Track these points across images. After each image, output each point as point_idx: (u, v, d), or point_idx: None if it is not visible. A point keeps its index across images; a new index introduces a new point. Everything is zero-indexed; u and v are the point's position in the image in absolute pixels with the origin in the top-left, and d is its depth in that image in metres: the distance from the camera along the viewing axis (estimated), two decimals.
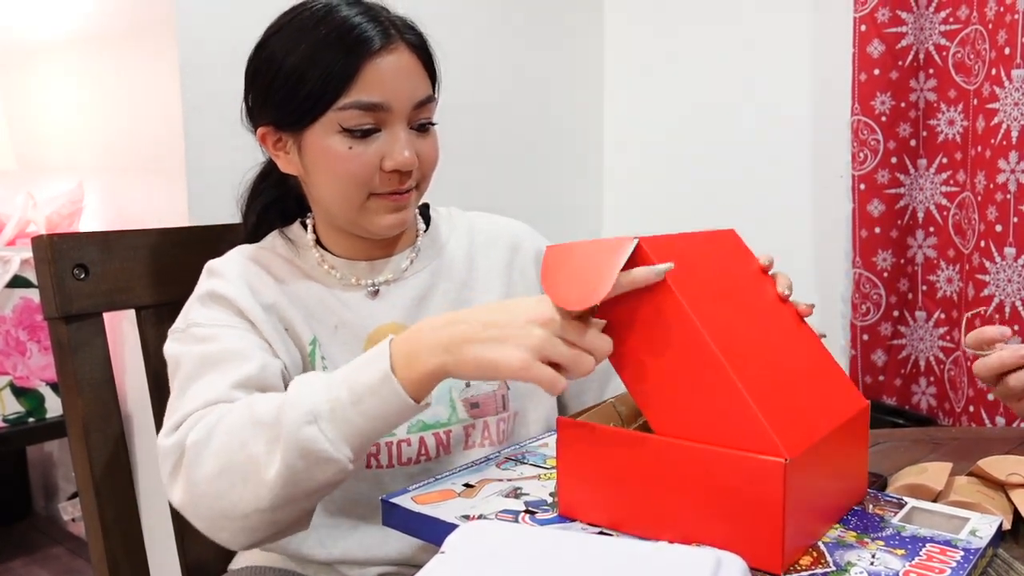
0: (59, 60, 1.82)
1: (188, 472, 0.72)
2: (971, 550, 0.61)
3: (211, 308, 0.85)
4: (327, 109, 0.82)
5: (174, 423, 0.75)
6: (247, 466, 0.69)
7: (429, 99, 0.87)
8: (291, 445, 0.67)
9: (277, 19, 0.88)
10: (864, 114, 1.65)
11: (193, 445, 0.71)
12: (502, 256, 0.98)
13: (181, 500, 0.73)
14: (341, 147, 0.83)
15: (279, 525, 0.73)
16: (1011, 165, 1.46)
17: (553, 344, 0.62)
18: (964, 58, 1.58)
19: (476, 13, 1.93)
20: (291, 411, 0.68)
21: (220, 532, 0.73)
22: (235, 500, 0.70)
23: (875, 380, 1.73)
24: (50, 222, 1.75)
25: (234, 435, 0.70)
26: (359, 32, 0.82)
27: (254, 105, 0.88)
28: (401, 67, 0.84)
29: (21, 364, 1.80)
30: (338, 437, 0.68)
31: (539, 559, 0.56)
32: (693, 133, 2.06)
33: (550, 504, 0.71)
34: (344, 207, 0.86)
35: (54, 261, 0.90)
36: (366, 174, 0.83)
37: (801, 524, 0.60)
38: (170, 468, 0.74)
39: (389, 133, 0.84)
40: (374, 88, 0.82)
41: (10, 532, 2.22)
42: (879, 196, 1.67)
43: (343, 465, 0.69)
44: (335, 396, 0.68)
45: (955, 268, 1.65)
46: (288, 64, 0.82)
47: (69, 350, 0.91)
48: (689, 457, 0.61)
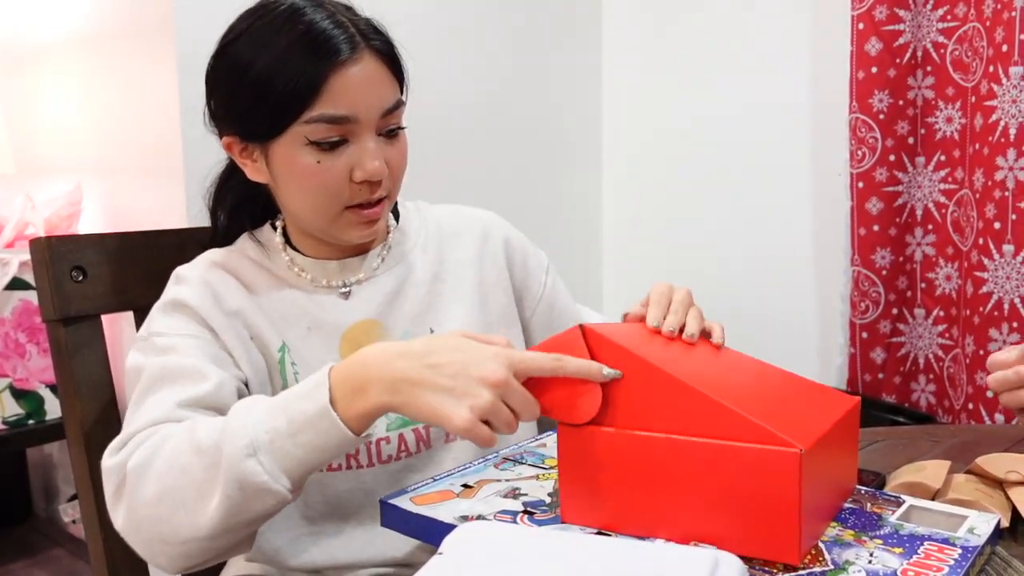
0: (57, 62, 1.82)
1: (129, 496, 0.71)
2: (969, 548, 0.61)
3: (173, 317, 0.84)
4: (292, 123, 0.80)
5: (119, 442, 0.75)
6: (187, 492, 0.69)
7: (397, 105, 0.84)
8: (231, 477, 0.67)
9: (236, 22, 0.84)
10: (862, 112, 1.65)
11: (134, 469, 0.71)
12: (472, 246, 0.98)
13: (123, 524, 0.73)
14: (309, 161, 0.81)
15: (218, 551, 0.72)
16: (1009, 162, 1.46)
17: (497, 410, 0.63)
18: (962, 55, 1.58)
19: (476, 14, 1.93)
20: (231, 442, 0.67)
21: (158, 556, 0.72)
22: (175, 526, 0.69)
23: (874, 378, 1.73)
24: (49, 224, 1.75)
25: (175, 461, 0.70)
26: (323, 41, 0.79)
27: (216, 113, 0.87)
28: (368, 76, 0.81)
29: (20, 366, 1.80)
30: (276, 469, 0.67)
31: (537, 560, 0.56)
32: (691, 131, 2.06)
33: (548, 504, 0.71)
34: (315, 219, 0.86)
35: (52, 263, 0.90)
36: (336, 187, 0.82)
37: (812, 516, 0.61)
38: (112, 490, 0.74)
39: (357, 143, 0.82)
40: (340, 101, 0.79)
41: (10, 534, 2.22)
42: (877, 194, 1.67)
43: (282, 496, 0.68)
44: (274, 427, 0.67)
45: (954, 265, 1.65)
46: (250, 75, 0.80)
47: (67, 352, 0.91)
48: (700, 455, 0.61)
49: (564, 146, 2.17)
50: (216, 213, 0.95)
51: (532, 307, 1.02)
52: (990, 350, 1.52)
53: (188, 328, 0.83)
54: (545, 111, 2.11)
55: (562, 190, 2.18)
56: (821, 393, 0.71)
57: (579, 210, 2.23)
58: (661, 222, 2.16)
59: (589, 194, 2.25)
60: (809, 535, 0.60)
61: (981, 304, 1.52)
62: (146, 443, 0.73)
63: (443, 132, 1.85)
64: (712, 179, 2.03)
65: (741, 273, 2.00)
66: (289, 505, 0.86)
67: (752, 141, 1.95)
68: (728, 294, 2.03)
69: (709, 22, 2.00)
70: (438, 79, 1.84)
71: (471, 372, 0.63)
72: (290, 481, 0.68)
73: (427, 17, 1.82)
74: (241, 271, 0.89)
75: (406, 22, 1.90)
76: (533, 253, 1.04)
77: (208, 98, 0.87)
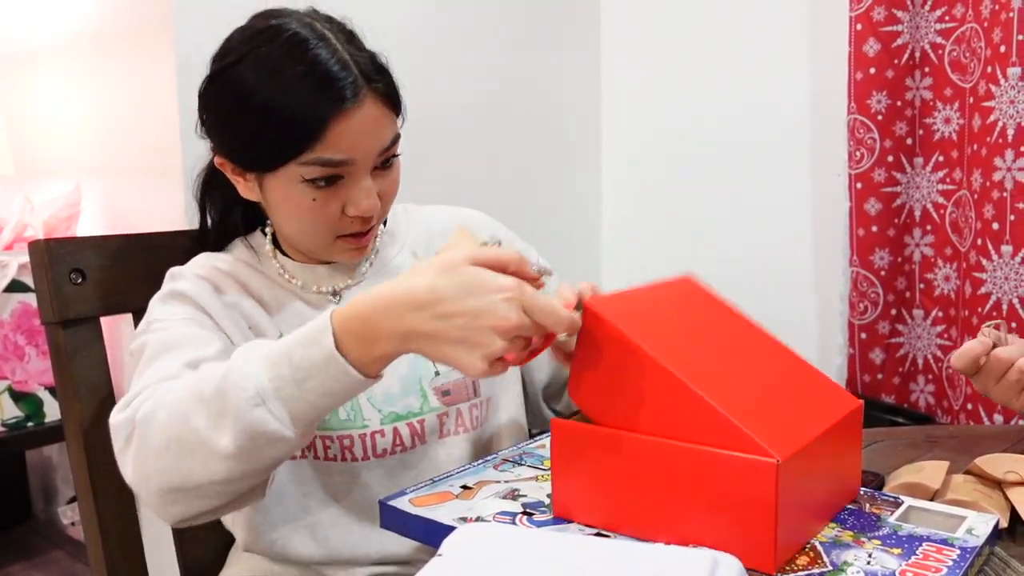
0: (56, 63, 1.82)
1: (137, 447, 0.71)
2: (967, 549, 0.61)
3: (171, 305, 0.84)
4: (289, 162, 0.80)
5: (126, 400, 0.75)
6: (192, 439, 0.68)
7: (395, 140, 0.84)
8: (240, 427, 0.66)
9: (236, 44, 0.82)
10: (860, 113, 1.66)
11: (142, 420, 0.71)
12: None
13: (132, 475, 0.72)
14: (304, 197, 0.81)
15: (234, 495, 0.72)
16: (1007, 163, 1.46)
17: (508, 348, 0.63)
18: (960, 56, 1.59)
19: (476, 14, 1.93)
20: (236, 391, 0.66)
21: (172, 505, 0.72)
22: (184, 472, 0.69)
23: (873, 378, 1.73)
24: (48, 226, 1.75)
25: (178, 408, 0.69)
26: (327, 84, 0.77)
27: (210, 132, 0.86)
28: (369, 121, 0.80)
29: (20, 368, 1.80)
30: (285, 415, 0.67)
31: (536, 561, 0.56)
32: (690, 132, 2.06)
33: (547, 505, 0.71)
34: (305, 243, 0.87)
35: (51, 266, 0.90)
36: (329, 221, 0.83)
37: (795, 524, 0.61)
38: (121, 444, 0.73)
39: (352, 181, 0.82)
40: (339, 146, 0.79)
41: (9, 536, 2.22)
42: (876, 195, 1.67)
43: (293, 442, 0.68)
44: (277, 374, 0.66)
45: (952, 266, 1.65)
46: (249, 108, 0.79)
47: (67, 355, 0.91)
48: (683, 458, 0.61)
49: (563, 146, 2.17)
50: (205, 208, 0.95)
51: None
52: None
53: (187, 313, 0.84)
54: (544, 111, 2.11)
55: (561, 190, 2.18)
56: (826, 390, 0.71)
57: (578, 210, 2.23)
58: (660, 223, 2.16)
59: (588, 194, 2.25)
60: (791, 542, 0.60)
61: (980, 305, 1.53)
62: (152, 396, 0.72)
63: (442, 132, 1.85)
64: (711, 180, 2.03)
65: (740, 274, 2.00)
66: (287, 496, 0.87)
67: (751, 142, 1.95)
68: (727, 294, 2.02)
69: (708, 22, 2.00)
70: (438, 79, 1.84)
71: (483, 322, 0.62)
72: (297, 426, 0.68)
73: (427, 17, 1.82)
74: (236, 272, 0.90)
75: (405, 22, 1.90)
76: (523, 248, 1.04)
77: (201, 114, 0.86)
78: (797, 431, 0.62)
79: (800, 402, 0.67)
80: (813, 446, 0.62)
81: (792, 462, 0.58)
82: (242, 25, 0.85)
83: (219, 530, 0.96)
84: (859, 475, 0.72)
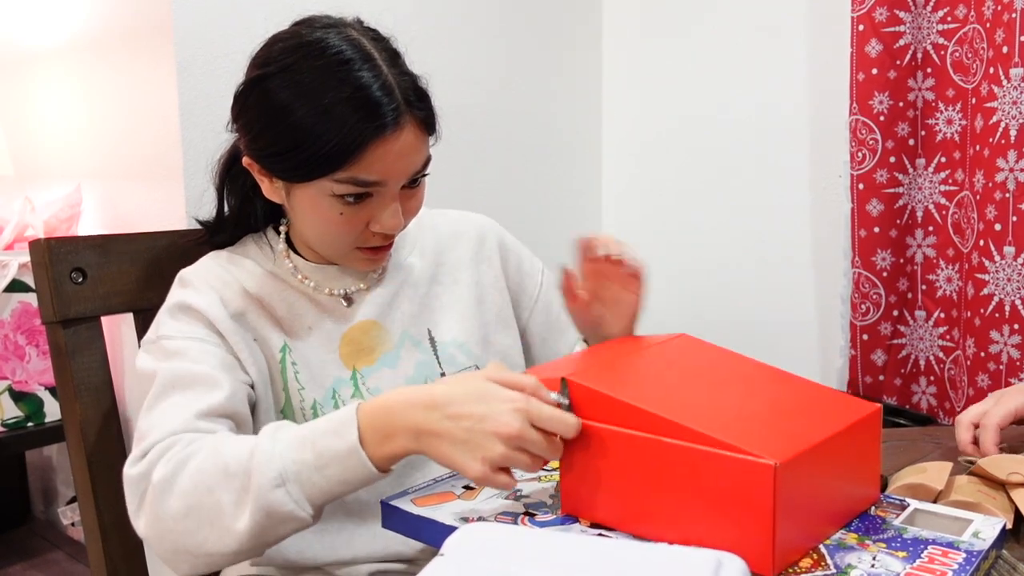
0: (56, 65, 1.82)
1: (154, 507, 0.73)
2: (973, 552, 0.60)
3: (180, 320, 0.85)
4: (320, 178, 0.80)
5: (140, 452, 0.76)
6: (213, 512, 0.71)
7: (426, 163, 0.85)
8: (260, 505, 0.69)
9: (278, 53, 0.81)
10: (862, 114, 1.65)
11: (160, 481, 0.73)
12: (468, 249, 1.00)
13: (147, 532, 0.75)
14: (331, 210, 0.82)
15: (238, 560, 0.75)
16: (1010, 164, 1.46)
17: (511, 459, 0.66)
18: (962, 57, 1.58)
19: (476, 14, 1.92)
20: (260, 471, 0.70)
21: (181, 565, 0.74)
22: (200, 540, 0.72)
23: (875, 380, 1.73)
24: (48, 226, 1.75)
25: (202, 479, 0.72)
26: (369, 109, 0.77)
27: (240, 132, 0.86)
28: (405, 147, 0.81)
29: (20, 368, 1.79)
30: (302, 498, 0.70)
31: (539, 561, 0.56)
32: (691, 133, 2.06)
33: (549, 506, 0.71)
34: (325, 249, 0.88)
35: (51, 265, 0.90)
36: (353, 234, 0.84)
37: (798, 527, 0.60)
38: (136, 501, 0.76)
39: (380, 200, 0.83)
40: (374, 168, 0.79)
41: (9, 537, 2.22)
42: (878, 196, 1.67)
43: (306, 522, 0.72)
44: (301, 459, 0.70)
45: (954, 267, 1.65)
46: (286, 121, 0.79)
47: (67, 354, 0.91)
48: (685, 459, 0.61)
49: (563, 148, 2.17)
50: (223, 196, 0.94)
51: (529, 308, 1.03)
52: (991, 352, 1.51)
53: (196, 331, 0.84)
54: (544, 112, 2.11)
55: (561, 192, 2.17)
56: (838, 403, 0.70)
57: (578, 212, 2.23)
58: (661, 224, 2.15)
59: (588, 196, 2.25)
60: (793, 545, 0.60)
61: (982, 306, 1.52)
62: (168, 455, 0.74)
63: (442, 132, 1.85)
64: (712, 181, 2.03)
65: (741, 275, 2.00)
66: None
67: (752, 143, 1.95)
68: (728, 296, 2.03)
69: (709, 23, 2.00)
70: (437, 79, 1.83)
71: (486, 426, 0.66)
72: (313, 508, 0.71)
73: (426, 17, 1.82)
74: (245, 272, 0.90)
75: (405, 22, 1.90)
76: (528, 256, 1.06)
77: (234, 114, 0.86)
78: (799, 438, 0.61)
79: (805, 416, 0.67)
80: (817, 450, 0.61)
81: (792, 465, 0.58)
82: (286, 32, 0.84)
83: None
84: (878, 480, 0.71)
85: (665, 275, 2.16)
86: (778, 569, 0.58)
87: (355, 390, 0.88)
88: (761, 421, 0.65)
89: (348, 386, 0.88)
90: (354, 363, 0.89)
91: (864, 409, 0.69)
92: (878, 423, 0.70)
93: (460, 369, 0.93)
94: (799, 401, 0.71)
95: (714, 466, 0.60)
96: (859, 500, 0.69)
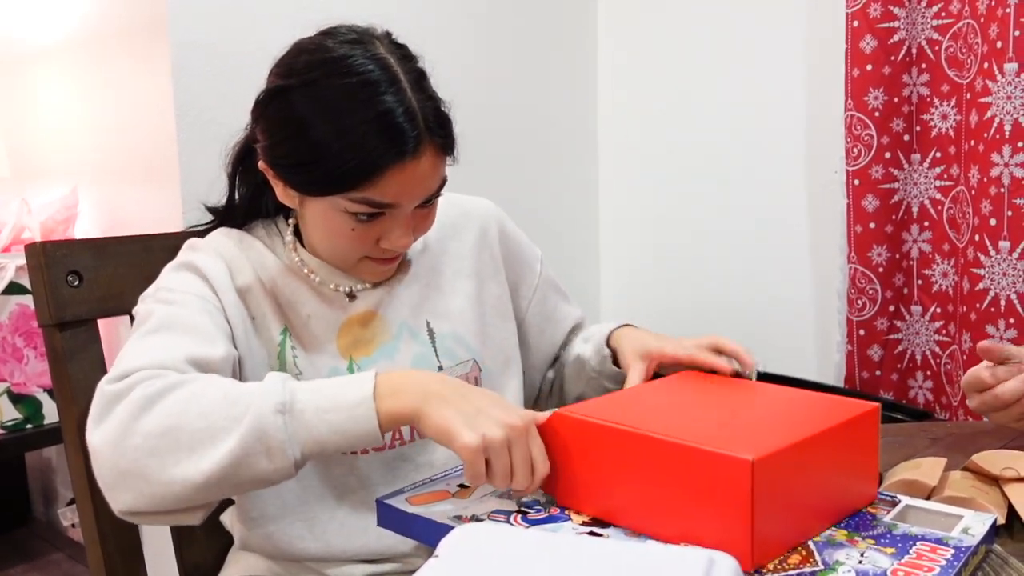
0: (52, 67, 1.82)
1: (123, 420, 0.68)
2: (962, 548, 0.61)
3: (184, 275, 0.84)
4: (335, 195, 0.79)
5: (120, 372, 0.72)
6: (194, 435, 0.67)
7: (441, 186, 0.85)
8: (251, 427, 0.67)
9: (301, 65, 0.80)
10: (857, 109, 1.65)
11: (142, 398, 0.69)
12: (469, 236, 1.00)
13: (100, 445, 0.69)
14: (343, 225, 0.82)
15: (186, 504, 0.70)
16: (1004, 159, 1.46)
17: (500, 449, 0.67)
18: (956, 52, 1.58)
19: (473, 13, 1.92)
20: (264, 397, 0.68)
21: (126, 490, 0.68)
22: (166, 463, 0.67)
23: (871, 375, 1.73)
24: (45, 228, 1.75)
25: (193, 402, 0.69)
26: (391, 136, 0.77)
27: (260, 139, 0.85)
28: (422, 172, 0.80)
29: (18, 371, 1.80)
30: (295, 437, 0.68)
31: (534, 562, 0.56)
32: (687, 129, 2.06)
33: (543, 504, 0.71)
34: (332, 258, 0.88)
35: (47, 268, 0.90)
36: (363, 248, 0.85)
37: (780, 523, 0.61)
38: (100, 412, 0.70)
39: (393, 218, 0.83)
40: (389, 191, 0.79)
41: (9, 538, 2.23)
42: (873, 191, 1.67)
43: (286, 466, 0.68)
44: (310, 399, 0.69)
45: (950, 262, 1.65)
46: (305, 137, 0.78)
47: (64, 357, 0.91)
48: (670, 454, 0.62)
49: (560, 145, 2.17)
50: (235, 183, 0.94)
51: (528, 298, 1.04)
52: None
53: (199, 290, 0.83)
54: (541, 111, 2.11)
55: (559, 189, 2.18)
56: (835, 406, 0.70)
57: (576, 210, 2.23)
58: (657, 221, 2.16)
59: (586, 193, 2.25)
60: (775, 541, 0.61)
61: (978, 300, 1.53)
62: (156, 379, 0.70)
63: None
64: (708, 177, 2.03)
65: (738, 271, 2.00)
66: (285, 489, 0.86)
67: (748, 139, 1.95)
68: (725, 292, 2.03)
69: (704, 20, 2.00)
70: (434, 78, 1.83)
71: (494, 412, 0.68)
72: (300, 455, 0.69)
73: (423, 16, 1.82)
74: (254, 253, 0.90)
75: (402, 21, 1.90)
76: (527, 244, 1.06)
77: (254, 119, 0.85)
78: (782, 437, 0.62)
79: (796, 419, 0.68)
80: (800, 447, 0.62)
81: (770, 461, 0.58)
82: (311, 43, 0.82)
83: (218, 532, 0.96)
84: (876, 477, 0.71)
85: (661, 272, 2.16)
86: (758, 563, 0.59)
87: None
88: (748, 428, 0.66)
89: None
90: (351, 353, 0.89)
91: (859, 408, 0.69)
92: (875, 421, 0.70)
93: (458, 362, 0.92)
94: (793, 408, 0.71)
95: (695, 462, 0.60)
96: (855, 497, 0.69)
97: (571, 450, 0.69)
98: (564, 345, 1.08)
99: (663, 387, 0.81)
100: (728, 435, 0.63)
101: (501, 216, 1.04)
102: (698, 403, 0.74)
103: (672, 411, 0.71)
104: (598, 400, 0.76)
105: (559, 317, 1.06)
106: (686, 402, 0.74)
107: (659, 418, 0.68)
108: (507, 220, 1.04)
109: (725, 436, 0.62)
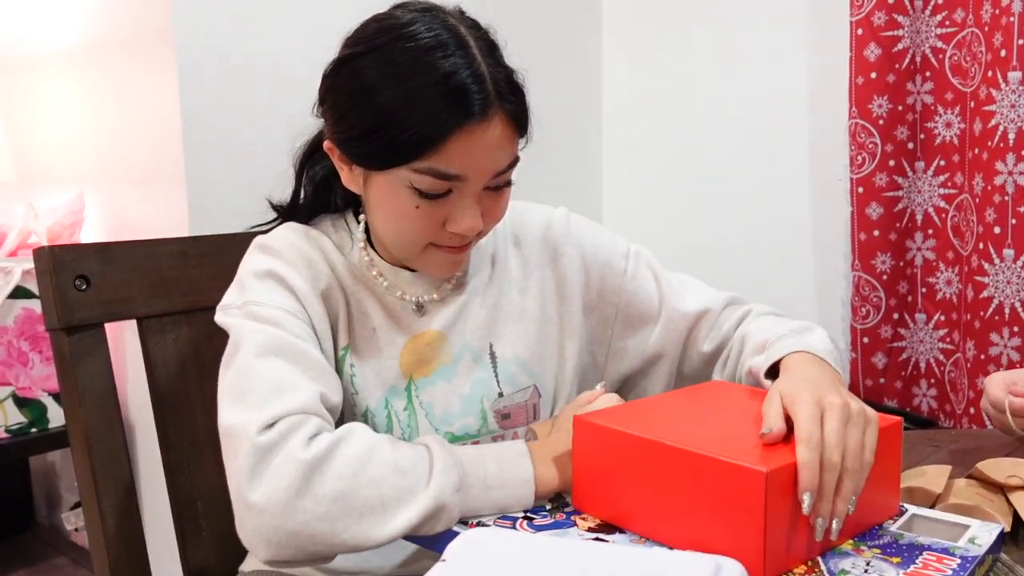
0: (58, 72, 1.83)
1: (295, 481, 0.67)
2: (968, 558, 0.60)
3: (270, 286, 0.80)
4: (400, 166, 0.76)
5: (267, 420, 0.69)
6: (369, 503, 0.67)
7: (512, 164, 0.81)
8: (434, 505, 0.68)
9: (369, 32, 0.78)
10: (861, 117, 1.66)
11: (312, 459, 0.67)
12: (535, 252, 0.95)
13: (266, 502, 0.67)
14: (408, 203, 0.78)
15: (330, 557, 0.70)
16: (1008, 167, 1.46)
17: None
18: (961, 61, 1.59)
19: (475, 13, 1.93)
20: (444, 472, 0.69)
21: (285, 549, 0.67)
22: (339, 528, 0.67)
23: (875, 383, 1.73)
24: (51, 233, 1.76)
25: (364, 469, 0.68)
26: (457, 96, 0.73)
27: (325, 115, 0.83)
28: (491, 141, 0.76)
29: (23, 375, 1.80)
30: (463, 510, 0.70)
31: (540, 567, 0.57)
32: (691, 137, 2.07)
33: (548, 510, 0.72)
34: (399, 247, 0.84)
35: (55, 272, 0.90)
36: (428, 232, 0.80)
37: (794, 536, 0.60)
38: (254, 463, 0.68)
39: (459, 197, 0.78)
40: (456, 160, 0.75)
41: (13, 542, 2.23)
42: (877, 199, 1.68)
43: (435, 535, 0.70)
44: (476, 472, 0.71)
45: (954, 270, 1.65)
46: (369, 104, 0.75)
47: (71, 361, 0.91)
48: (687, 463, 0.62)
49: (564, 145, 2.17)
50: (302, 179, 0.91)
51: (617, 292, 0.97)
52: (991, 355, 1.52)
53: (287, 304, 0.80)
54: (545, 111, 2.10)
55: (562, 189, 2.18)
56: None
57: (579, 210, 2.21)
58: (661, 228, 2.16)
59: (589, 194, 2.25)
60: (788, 553, 0.60)
61: (982, 309, 1.53)
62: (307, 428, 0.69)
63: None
64: (711, 184, 2.04)
65: (742, 278, 2.00)
66: None
67: (752, 146, 1.95)
68: None
69: (709, 27, 2.00)
70: None
71: None
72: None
73: None
74: (325, 251, 0.86)
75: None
76: (607, 242, 0.98)
77: (321, 95, 0.83)
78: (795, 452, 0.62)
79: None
80: None
81: (783, 473, 0.58)
82: (383, 13, 0.80)
83: (223, 536, 0.96)
84: (897, 492, 0.70)
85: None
86: (770, 574, 0.59)
87: (407, 402, 0.86)
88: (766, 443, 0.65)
89: (402, 397, 0.86)
90: (412, 372, 0.87)
91: (881, 422, 0.67)
92: (898, 436, 0.69)
93: (519, 389, 0.90)
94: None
95: (711, 471, 0.60)
96: (877, 511, 0.68)
97: (589, 454, 0.70)
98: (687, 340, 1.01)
99: (686, 396, 0.80)
100: (745, 446, 0.63)
101: (564, 223, 0.97)
102: (719, 413, 0.73)
103: (692, 420, 0.71)
104: (620, 407, 0.76)
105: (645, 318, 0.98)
106: (707, 412, 0.74)
107: (678, 427, 0.68)
108: (584, 233, 0.97)
109: (742, 447, 0.62)
